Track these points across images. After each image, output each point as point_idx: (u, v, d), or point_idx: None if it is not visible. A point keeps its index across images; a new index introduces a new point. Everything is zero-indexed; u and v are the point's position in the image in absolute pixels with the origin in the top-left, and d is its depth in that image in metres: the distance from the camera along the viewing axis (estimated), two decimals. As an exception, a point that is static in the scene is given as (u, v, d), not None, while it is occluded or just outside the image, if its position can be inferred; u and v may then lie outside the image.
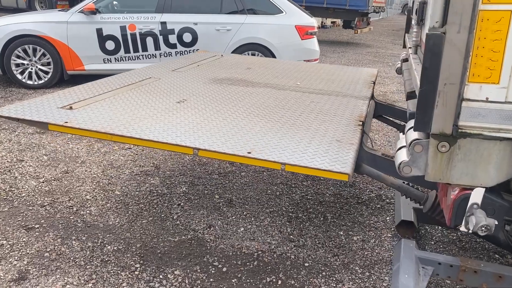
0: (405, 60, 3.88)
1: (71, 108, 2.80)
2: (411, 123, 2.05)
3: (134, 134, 2.45)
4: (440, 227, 3.34)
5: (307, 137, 2.57)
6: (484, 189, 1.83)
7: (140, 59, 7.02)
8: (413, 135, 1.89)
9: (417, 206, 3.10)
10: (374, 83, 4.20)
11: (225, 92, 3.51)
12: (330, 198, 3.75)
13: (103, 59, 6.93)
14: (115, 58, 6.94)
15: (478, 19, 1.64)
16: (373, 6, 15.05)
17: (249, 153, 2.30)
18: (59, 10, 7.44)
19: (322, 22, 19.45)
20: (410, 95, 2.65)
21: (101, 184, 3.80)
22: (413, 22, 3.15)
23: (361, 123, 2.85)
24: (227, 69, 4.46)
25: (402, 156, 1.94)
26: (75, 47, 6.82)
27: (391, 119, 3.95)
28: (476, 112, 1.73)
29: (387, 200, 3.78)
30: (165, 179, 3.96)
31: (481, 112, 1.72)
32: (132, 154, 4.49)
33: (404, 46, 4.61)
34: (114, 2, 7.26)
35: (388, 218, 3.49)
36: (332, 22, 20.77)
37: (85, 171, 4.04)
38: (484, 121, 1.73)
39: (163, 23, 6.94)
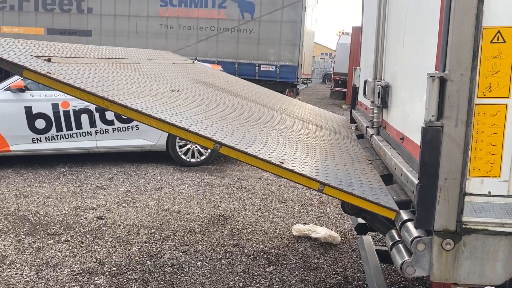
0: (360, 136, 3.90)
1: (49, 60, 2.25)
2: (402, 214, 1.93)
3: (140, 108, 1.99)
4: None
5: (331, 162, 2.36)
6: (493, 288, 1.72)
7: (73, 137, 6.56)
8: (413, 231, 1.76)
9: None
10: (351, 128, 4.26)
11: (217, 95, 3.24)
12: (297, 285, 3.50)
13: (32, 139, 6.39)
14: (45, 137, 6.43)
15: (475, 113, 1.60)
16: (301, 78, 15.80)
17: (282, 163, 2.00)
18: (-19, 88, 6.87)
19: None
20: (384, 179, 2.58)
21: (35, 290, 3.26)
22: (369, 103, 3.18)
23: (370, 162, 2.73)
24: (206, 75, 4.27)
25: (402, 255, 1.80)
26: (-1, 126, 6.25)
27: None
28: (480, 207, 1.65)
29: (355, 283, 3.60)
30: (112, 277, 3.50)
31: (485, 206, 1.65)
32: (70, 248, 3.97)
33: (352, 121, 4.71)
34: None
35: (360, 304, 3.30)
36: (262, 92, 21.45)
37: (15, 274, 3.47)
38: (488, 216, 1.65)
39: (99, 100, 6.62)
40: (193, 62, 5.14)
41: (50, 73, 1.99)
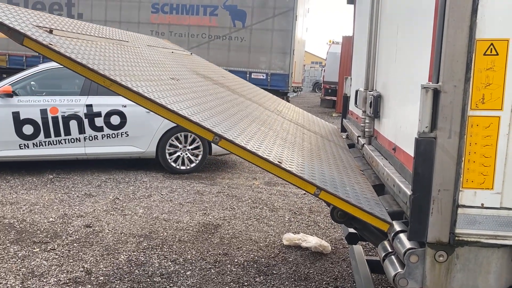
0: (351, 145, 3.90)
1: (51, 31, 2.17)
2: (395, 225, 1.92)
3: (142, 92, 1.93)
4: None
5: (326, 168, 2.34)
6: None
7: (62, 143, 6.48)
8: (406, 243, 1.75)
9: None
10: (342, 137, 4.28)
11: (215, 89, 3.21)
12: (287, 296, 3.47)
13: (19, 145, 6.30)
14: (33, 143, 6.34)
15: (468, 125, 1.60)
16: (292, 86, 15.86)
17: (280, 163, 1.97)
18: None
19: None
20: (375, 189, 2.57)
21: (20, 300, 3.18)
22: (361, 112, 3.18)
23: (363, 173, 2.72)
24: (204, 68, 4.25)
25: (394, 267, 1.78)
26: (-15, 132, 6.16)
27: None
28: (473, 219, 1.64)
29: (346, 293, 3.59)
30: (99, 286, 3.44)
31: (478, 218, 1.64)
32: (57, 257, 3.90)
33: (342, 130, 4.72)
34: (32, 83, 6.80)
35: (351, 315, 3.27)
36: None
37: (0, 283, 3.39)
38: (481, 228, 1.65)
39: (89, 106, 6.57)
40: (191, 54, 5.12)
41: (51, 44, 1.92)
